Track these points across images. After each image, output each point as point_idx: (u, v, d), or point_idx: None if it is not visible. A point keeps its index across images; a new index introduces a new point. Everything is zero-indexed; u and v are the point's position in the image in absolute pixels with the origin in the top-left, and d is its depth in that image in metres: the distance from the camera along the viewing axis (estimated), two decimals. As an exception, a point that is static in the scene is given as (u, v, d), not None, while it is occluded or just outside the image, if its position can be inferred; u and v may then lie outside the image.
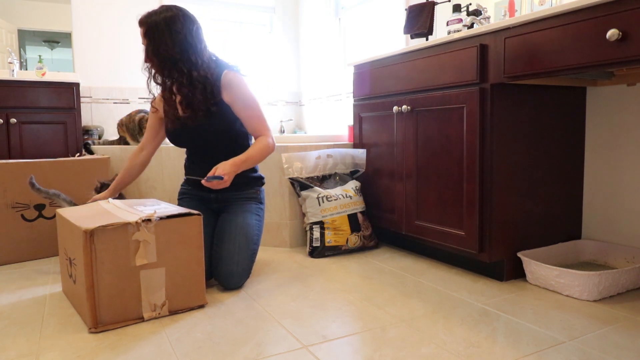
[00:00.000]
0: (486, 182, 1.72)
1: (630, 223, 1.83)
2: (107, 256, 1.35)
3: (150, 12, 1.68)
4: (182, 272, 1.48)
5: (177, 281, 1.47)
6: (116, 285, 1.37)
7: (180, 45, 1.66)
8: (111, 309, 1.37)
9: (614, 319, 1.41)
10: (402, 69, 2.04)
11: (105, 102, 3.65)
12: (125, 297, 1.39)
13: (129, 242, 1.38)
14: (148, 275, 1.41)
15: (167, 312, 1.46)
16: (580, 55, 1.37)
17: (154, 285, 1.43)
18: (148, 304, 1.42)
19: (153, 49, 1.66)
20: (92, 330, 1.35)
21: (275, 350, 1.23)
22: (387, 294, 1.65)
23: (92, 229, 1.31)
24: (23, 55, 3.46)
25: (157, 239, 1.42)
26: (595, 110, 1.92)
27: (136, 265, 1.39)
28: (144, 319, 1.42)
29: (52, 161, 2.22)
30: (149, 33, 1.66)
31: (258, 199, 1.89)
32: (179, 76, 1.68)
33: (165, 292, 1.45)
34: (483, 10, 2.13)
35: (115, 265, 1.36)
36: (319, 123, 4.11)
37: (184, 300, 1.49)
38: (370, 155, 2.32)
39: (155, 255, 1.42)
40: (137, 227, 1.38)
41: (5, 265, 2.10)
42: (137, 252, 1.39)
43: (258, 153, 1.72)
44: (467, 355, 1.19)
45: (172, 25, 1.64)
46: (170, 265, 1.45)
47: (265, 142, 1.74)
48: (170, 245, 1.45)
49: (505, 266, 1.77)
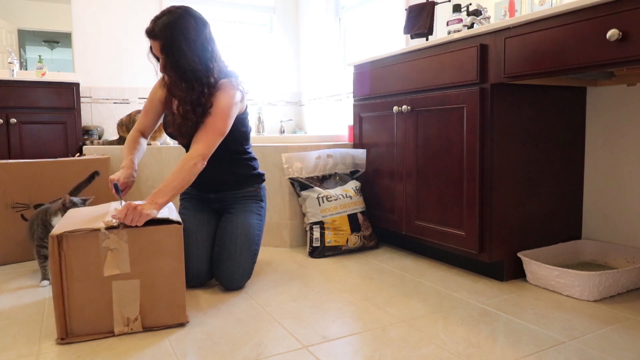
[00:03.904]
0: (486, 182, 1.72)
1: (630, 223, 1.83)
2: (76, 263, 1.27)
3: (160, 19, 1.56)
4: (159, 286, 1.35)
5: (153, 295, 1.35)
6: (87, 295, 1.29)
7: (198, 54, 1.59)
8: (82, 319, 1.29)
9: (614, 319, 1.41)
10: (402, 69, 2.04)
11: (105, 102, 3.65)
12: (96, 308, 1.30)
13: (100, 250, 1.29)
14: (121, 286, 1.31)
15: (141, 328, 1.34)
16: (580, 55, 1.37)
17: (127, 297, 1.32)
18: (120, 318, 1.32)
19: (172, 63, 1.58)
20: (59, 341, 1.28)
21: (275, 351, 1.23)
22: (387, 294, 1.65)
23: (59, 234, 1.25)
24: (23, 55, 3.45)
25: (130, 248, 1.31)
26: (595, 110, 1.92)
27: (105, 275, 1.29)
28: (115, 333, 1.32)
29: (52, 161, 2.22)
30: (166, 48, 1.56)
31: (258, 197, 1.88)
32: (197, 85, 1.59)
33: (140, 307, 1.34)
34: (483, 10, 2.13)
35: (86, 273, 1.28)
36: (319, 123, 4.11)
37: (162, 317, 1.36)
38: (370, 155, 2.32)
39: (128, 266, 1.31)
40: (107, 234, 1.29)
41: (5, 265, 2.09)
42: (106, 261, 1.29)
43: (176, 181, 1.49)
44: (467, 356, 1.19)
45: (187, 34, 1.56)
46: (146, 277, 1.33)
47: (184, 165, 1.52)
48: (146, 255, 1.33)
49: (506, 266, 1.77)
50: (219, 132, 1.60)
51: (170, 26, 1.55)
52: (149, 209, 1.35)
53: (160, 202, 1.41)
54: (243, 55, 4.22)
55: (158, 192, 1.44)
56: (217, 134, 1.60)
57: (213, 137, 1.59)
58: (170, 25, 1.55)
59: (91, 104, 3.60)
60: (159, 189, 1.45)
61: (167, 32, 1.55)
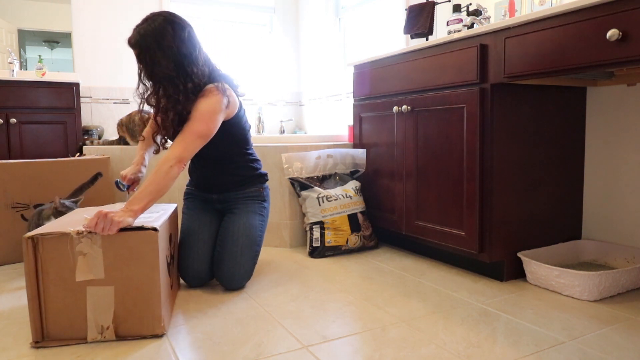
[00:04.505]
0: (486, 182, 1.72)
1: (630, 223, 1.83)
2: (51, 267, 1.25)
3: (138, 28, 1.56)
4: (134, 294, 1.31)
5: (127, 304, 1.31)
6: (62, 299, 1.27)
7: (175, 60, 1.55)
8: (58, 323, 1.27)
9: (614, 319, 1.41)
10: (402, 69, 2.04)
11: (105, 102, 3.65)
12: (71, 313, 1.28)
13: (72, 255, 1.26)
14: (95, 292, 1.28)
15: (114, 337, 1.30)
16: (580, 55, 1.37)
17: (101, 304, 1.29)
18: (94, 325, 1.29)
19: (146, 71, 1.57)
20: (33, 344, 1.26)
21: (275, 351, 1.23)
22: (387, 294, 1.65)
23: (32, 235, 1.24)
24: (23, 55, 3.45)
25: (105, 253, 1.28)
26: (595, 110, 1.92)
27: (76, 280, 1.27)
28: (87, 340, 1.29)
29: (52, 161, 2.22)
30: (140, 56, 1.55)
31: (261, 197, 1.87)
32: (174, 93, 1.57)
33: (114, 314, 1.30)
34: (483, 10, 2.13)
35: (60, 277, 1.26)
36: (319, 123, 4.11)
37: (135, 326, 1.32)
38: (370, 155, 2.32)
39: (102, 271, 1.28)
40: (79, 238, 1.26)
41: (5, 265, 2.09)
42: (77, 266, 1.26)
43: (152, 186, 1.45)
44: (467, 356, 1.19)
45: (161, 40, 1.53)
46: (120, 284, 1.30)
47: (159, 168, 1.48)
48: (120, 261, 1.29)
49: (506, 266, 1.77)
50: (197, 134, 1.55)
51: (144, 34, 1.53)
52: (121, 217, 1.30)
53: (136, 208, 1.37)
54: (243, 55, 4.22)
55: (134, 199, 1.40)
56: (196, 136, 1.55)
57: (191, 140, 1.55)
58: (144, 34, 1.53)
59: (91, 104, 3.60)
60: (135, 196, 1.41)
61: (141, 41, 1.53)
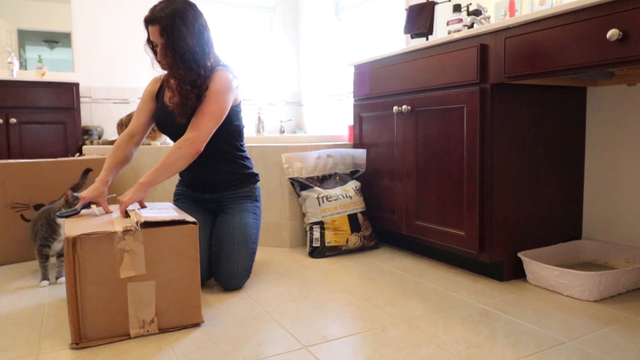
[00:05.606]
0: (486, 182, 1.72)
1: (630, 223, 1.83)
2: (90, 266, 1.26)
3: (157, 8, 1.63)
4: (175, 287, 1.35)
5: (168, 296, 1.35)
6: (101, 298, 1.27)
7: (197, 38, 1.65)
8: (96, 323, 1.28)
9: (615, 319, 1.41)
10: (402, 69, 2.04)
11: (105, 102, 3.65)
12: (111, 311, 1.29)
13: (115, 252, 1.28)
14: (136, 288, 1.30)
15: (157, 330, 1.34)
16: (580, 55, 1.37)
17: (142, 299, 1.31)
18: (136, 320, 1.31)
19: (172, 44, 1.61)
20: (74, 346, 1.26)
21: (275, 351, 1.23)
22: (387, 294, 1.65)
23: (74, 236, 1.24)
24: (23, 55, 3.45)
25: (146, 249, 1.31)
26: (595, 110, 1.92)
27: (121, 277, 1.28)
28: (130, 336, 1.31)
29: (51, 161, 2.22)
30: (166, 29, 1.60)
31: (254, 197, 1.88)
32: (195, 67, 1.63)
33: (155, 308, 1.33)
34: (483, 10, 2.13)
35: (100, 276, 1.27)
36: (319, 123, 4.11)
37: (177, 318, 1.37)
38: (370, 155, 2.32)
39: (144, 267, 1.31)
40: (122, 236, 1.28)
41: (5, 265, 2.09)
42: (122, 263, 1.28)
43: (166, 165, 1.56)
44: (467, 356, 1.19)
45: (184, 17, 1.62)
46: (162, 278, 1.33)
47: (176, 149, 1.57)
48: (162, 256, 1.33)
49: (506, 266, 1.77)
50: (213, 115, 1.63)
51: (169, 10, 1.62)
52: (126, 196, 1.48)
53: (142, 181, 1.52)
54: (243, 55, 4.22)
55: (144, 175, 1.54)
56: (211, 117, 1.63)
57: (207, 120, 1.62)
58: (169, 10, 1.62)
59: (91, 104, 3.60)
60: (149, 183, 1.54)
61: (167, 16, 1.61)
